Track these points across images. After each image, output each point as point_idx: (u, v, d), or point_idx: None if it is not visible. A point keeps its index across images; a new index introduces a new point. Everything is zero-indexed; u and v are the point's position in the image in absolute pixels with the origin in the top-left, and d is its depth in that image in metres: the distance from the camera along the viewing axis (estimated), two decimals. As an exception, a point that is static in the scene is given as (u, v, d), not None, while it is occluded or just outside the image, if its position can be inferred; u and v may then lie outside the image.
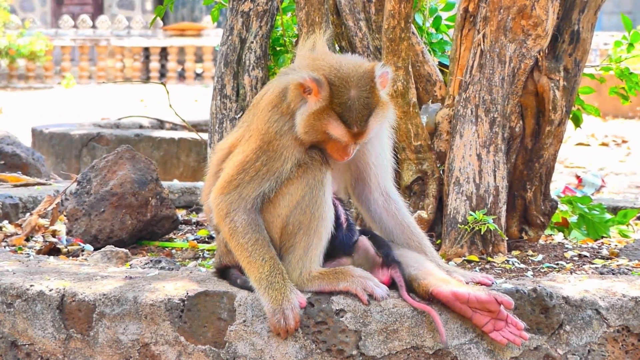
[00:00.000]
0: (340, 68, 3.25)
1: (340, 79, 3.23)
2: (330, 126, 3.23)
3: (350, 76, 3.24)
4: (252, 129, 3.37)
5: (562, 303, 3.28)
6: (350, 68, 3.26)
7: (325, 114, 3.22)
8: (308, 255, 3.27)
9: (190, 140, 9.16)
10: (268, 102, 3.36)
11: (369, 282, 3.22)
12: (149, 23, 21.69)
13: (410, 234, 3.60)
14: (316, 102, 3.23)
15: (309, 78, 3.21)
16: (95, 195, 4.64)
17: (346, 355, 3.20)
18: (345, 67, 3.26)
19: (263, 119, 3.34)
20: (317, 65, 3.29)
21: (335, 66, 3.26)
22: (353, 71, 3.25)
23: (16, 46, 24.02)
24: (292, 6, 4.94)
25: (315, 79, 3.21)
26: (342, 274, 3.24)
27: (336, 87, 3.22)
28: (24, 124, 12.88)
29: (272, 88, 3.42)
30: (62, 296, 3.36)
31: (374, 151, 3.51)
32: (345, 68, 3.26)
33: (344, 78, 3.23)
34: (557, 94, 4.38)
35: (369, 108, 3.24)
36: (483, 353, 3.24)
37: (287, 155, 3.29)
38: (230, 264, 3.43)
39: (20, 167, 6.98)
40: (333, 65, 3.27)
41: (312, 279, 3.26)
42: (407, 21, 4.28)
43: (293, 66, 3.45)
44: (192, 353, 3.26)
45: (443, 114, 4.49)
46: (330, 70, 3.25)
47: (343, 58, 3.37)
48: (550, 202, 4.56)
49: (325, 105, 3.22)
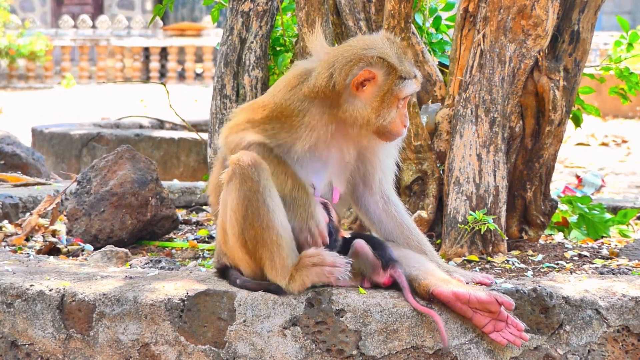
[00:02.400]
0: (373, 45, 3.36)
1: (383, 52, 3.33)
2: (404, 90, 3.34)
3: (384, 46, 3.36)
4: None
5: (562, 303, 3.28)
6: (375, 42, 3.38)
7: (394, 85, 3.33)
8: (276, 265, 3.26)
9: (190, 140, 9.16)
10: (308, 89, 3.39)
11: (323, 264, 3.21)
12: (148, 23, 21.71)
13: (409, 234, 3.61)
14: (380, 85, 3.32)
15: (365, 69, 3.30)
16: (95, 195, 4.64)
17: (346, 355, 3.20)
18: (373, 43, 3.37)
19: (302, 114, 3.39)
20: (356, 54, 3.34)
21: (370, 46, 3.36)
22: (381, 41, 3.38)
23: (16, 46, 24.02)
24: (292, 6, 4.94)
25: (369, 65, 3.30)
26: (302, 269, 3.22)
27: (390, 59, 3.33)
28: (24, 124, 12.88)
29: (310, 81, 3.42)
30: (62, 296, 3.36)
31: (380, 154, 3.54)
32: (374, 44, 3.37)
33: (382, 51, 3.33)
34: (557, 94, 4.38)
35: (407, 54, 3.42)
36: (483, 353, 3.24)
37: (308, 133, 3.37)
38: (229, 264, 3.43)
39: (20, 167, 6.98)
40: (365, 47, 3.35)
41: (290, 282, 3.25)
42: (407, 21, 4.28)
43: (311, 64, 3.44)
44: (192, 353, 3.26)
45: (443, 114, 4.49)
46: (368, 51, 3.33)
47: (360, 40, 3.46)
48: (550, 202, 4.56)
49: (391, 80, 3.32)
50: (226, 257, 3.43)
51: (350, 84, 3.31)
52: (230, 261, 3.42)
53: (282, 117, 3.37)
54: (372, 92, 3.33)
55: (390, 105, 3.35)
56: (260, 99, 3.56)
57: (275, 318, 3.21)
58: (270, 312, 3.22)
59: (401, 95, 3.34)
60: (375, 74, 3.31)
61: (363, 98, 3.33)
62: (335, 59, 3.35)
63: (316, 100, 3.35)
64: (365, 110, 3.33)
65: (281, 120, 3.37)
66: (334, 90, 3.32)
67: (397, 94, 3.34)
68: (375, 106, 3.33)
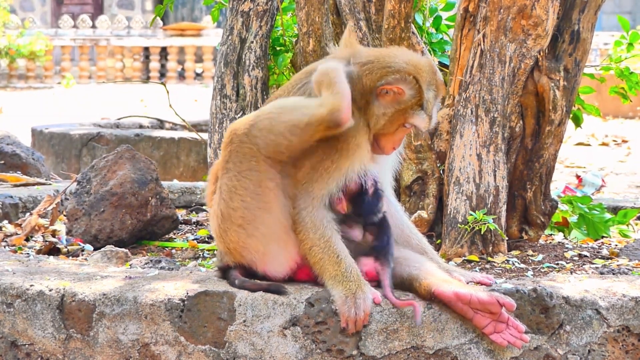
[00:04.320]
0: (416, 64, 3.35)
1: (420, 75, 3.32)
2: (413, 118, 3.33)
3: (424, 70, 3.35)
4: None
5: (562, 303, 3.28)
6: (420, 62, 3.37)
7: (410, 109, 3.32)
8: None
9: (190, 140, 9.16)
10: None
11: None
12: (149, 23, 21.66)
13: (409, 233, 3.61)
14: (401, 101, 3.31)
15: (396, 85, 3.29)
16: (95, 195, 4.64)
17: (346, 355, 3.20)
18: (416, 62, 3.36)
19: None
20: (392, 63, 3.34)
21: (411, 62, 3.35)
22: (423, 65, 3.36)
23: (16, 46, 24.03)
24: (292, 6, 4.94)
25: (402, 80, 3.29)
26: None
27: (422, 83, 3.32)
28: (24, 124, 12.88)
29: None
30: (62, 296, 3.36)
31: (381, 157, 3.53)
32: (418, 63, 3.36)
33: (421, 74, 3.33)
34: (557, 94, 4.38)
35: (437, 97, 3.40)
36: (483, 353, 3.24)
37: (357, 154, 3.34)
38: (231, 264, 3.42)
39: (20, 167, 6.97)
40: (408, 62, 3.35)
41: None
42: (407, 21, 4.28)
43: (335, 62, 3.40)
44: (192, 353, 3.26)
45: (443, 113, 4.49)
46: (410, 67, 3.33)
47: (404, 52, 3.46)
48: (550, 202, 4.56)
49: (413, 102, 3.31)
50: (228, 257, 3.42)
51: (377, 88, 3.31)
52: (233, 258, 3.39)
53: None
54: (389, 103, 3.32)
55: (394, 122, 3.33)
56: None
57: (275, 318, 3.21)
58: (270, 312, 3.22)
59: (409, 120, 3.33)
60: (403, 91, 3.31)
61: (378, 103, 3.33)
62: (376, 59, 3.36)
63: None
64: (377, 112, 3.33)
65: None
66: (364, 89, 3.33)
67: (407, 117, 3.33)
68: (387, 114, 3.32)
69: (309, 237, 3.28)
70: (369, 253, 3.36)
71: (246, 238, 3.31)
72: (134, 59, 25.67)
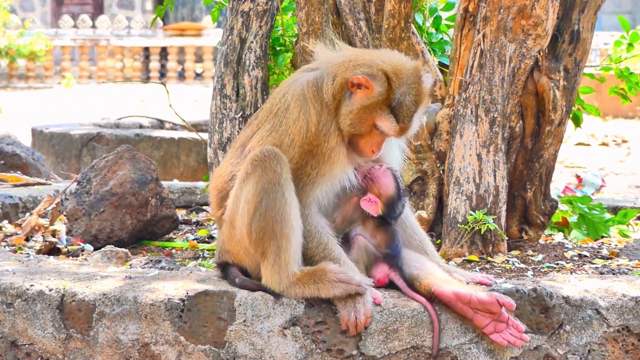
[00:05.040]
0: (393, 63, 3.30)
1: (395, 74, 3.27)
2: (381, 119, 3.27)
3: (402, 72, 3.29)
4: (291, 132, 3.34)
5: (562, 303, 3.28)
6: (401, 64, 3.32)
7: (378, 107, 3.27)
8: (282, 259, 3.23)
9: (190, 140, 9.16)
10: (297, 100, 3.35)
11: (349, 282, 3.17)
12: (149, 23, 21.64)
13: (412, 232, 3.60)
14: (369, 97, 3.26)
15: (363, 76, 3.24)
16: (95, 195, 4.64)
17: (346, 355, 3.20)
18: (396, 62, 3.31)
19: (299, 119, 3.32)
20: (367, 60, 3.31)
21: (388, 61, 3.31)
22: (403, 67, 3.31)
23: (16, 46, 24.02)
24: (292, 6, 4.94)
25: (370, 75, 3.25)
26: (320, 279, 3.18)
27: (393, 82, 3.26)
28: (24, 124, 12.88)
29: (297, 85, 3.38)
30: (62, 296, 3.36)
31: (391, 150, 3.52)
32: (397, 63, 3.31)
33: (397, 73, 3.28)
34: (557, 94, 4.38)
35: (416, 104, 3.31)
36: (483, 353, 3.24)
37: (334, 157, 3.31)
38: (231, 262, 3.43)
39: (20, 167, 6.97)
40: (385, 60, 3.31)
41: (292, 284, 3.22)
42: (407, 21, 4.28)
43: (322, 65, 3.41)
44: (192, 353, 3.26)
45: (443, 113, 4.49)
46: (385, 65, 3.29)
47: (388, 53, 3.42)
48: (550, 202, 4.56)
49: (380, 100, 3.26)
50: (228, 255, 3.43)
51: (347, 82, 3.28)
52: (233, 259, 3.41)
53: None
54: (358, 99, 3.29)
55: (363, 120, 3.28)
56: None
57: (275, 318, 3.21)
58: (270, 312, 3.22)
59: (377, 121, 3.27)
60: (370, 85, 3.26)
61: (349, 101, 3.30)
62: (355, 57, 3.35)
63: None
64: (345, 109, 3.31)
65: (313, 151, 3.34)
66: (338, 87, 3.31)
67: (375, 117, 3.27)
68: (353, 111, 3.29)
69: (307, 247, 3.29)
70: (382, 261, 3.37)
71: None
72: (134, 59, 25.67)
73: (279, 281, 3.22)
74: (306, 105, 3.32)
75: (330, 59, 3.40)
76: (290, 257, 3.23)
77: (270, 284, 3.24)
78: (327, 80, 3.33)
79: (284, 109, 3.37)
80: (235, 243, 3.37)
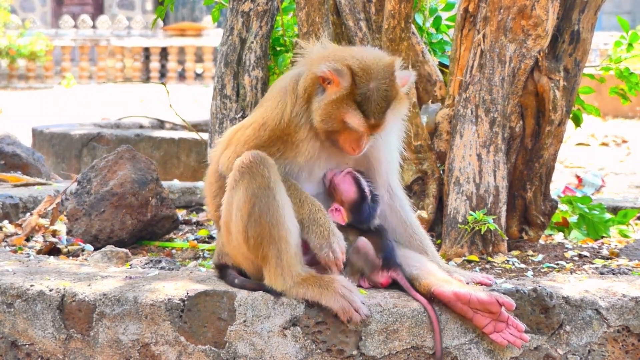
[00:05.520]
0: (362, 59, 3.28)
1: (362, 70, 3.26)
2: (348, 115, 3.25)
3: (372, 68, 3.27)
4: (267, 116, 3.39)
5: (562, 303, 3.28)
6: (372, 60, 3.30)
7: (345, 103, 3.25)
8: (283, 261, 3.23)
9: (190, 140, 9.16)
10: (281, 92, 3.39)
11: (350, 302, 3.16)
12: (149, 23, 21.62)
13: (412, 232, 3.60)
14: (336, 91, 3.26)
15: (329, 70, 3.24)
16: (95, 195, 4.64)
17: (346, 355, 3.20)
18: (367, 58, 3.29)
19: (276, 108, 3.37)
20: (338, 55, 3.32)
21: (357, 57, 3.30)
22: (374, 63, 3.28)
23: (16, 46, 24.02)
24: (292, 6, 4.94)
25: (335, 70, 3.24)
26: (326, 287, 3.19)
27: (358, 77, 3.25)
28: (24, 124, 12.88)
29: (284, 79, 3.44)
30: (62, 296, 3.36)
31: (384, 146, 3.51)
32: (367, 59, 3.29)
33: (365, 69, 3.26)
34: (557, 94, 4.38)
35: (387, 100, 3.27)
36: (483, 353, 3.24)
37: (302, 147, 3.34)
38: (230, 264, 3.43)
39: (20, 167, 6.97)
40: (355, 55, 3.30)
41: (296, 285, 3.22)
42: (407, 21, 4.28)
43: (304, 61, 3.44)
44: (192, 353, 3.26)
45: (443, 114, 4.49)
46: (353, 60, 3.28)
47: (363, 50, 3.42)
48: (550, 202, 4.56)
49: (345, 94, 3.25)
50: (228, 258, 3.44)
51: (316, 76, 3.29)
52: (233, 261, 3.42)
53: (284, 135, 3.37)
54: (328, 94, 3.29)
55: (332, 116, 3.28)
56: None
57: (275, 318, 3.21)
58: (271, 312, 3.22)
59: (345, 117, 3.26)
60: (336, 79, 3.25)
61: (323, 95, 3.31)
62: (330, 53, 3.36)
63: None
64: (315, 104, 3.31)
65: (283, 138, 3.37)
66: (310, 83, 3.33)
67: (342, 112, 3.26)
68: (322, 106, 3.29)
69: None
70: (382, 267, 3.36)
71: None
72: (134, 59, 25.67)
73: (283, 282, 3.23)
74: (285, 97, 3.37)
75: (311, 56, 3.43)
76: (292, 257, 3.23)
77: (274, 284, 3.25)
78: (303, 75, 3.36)
79: (267, 99, 3.46)
80: (233, 248, 3.38)
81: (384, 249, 3.37)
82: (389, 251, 3.37)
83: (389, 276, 3.33)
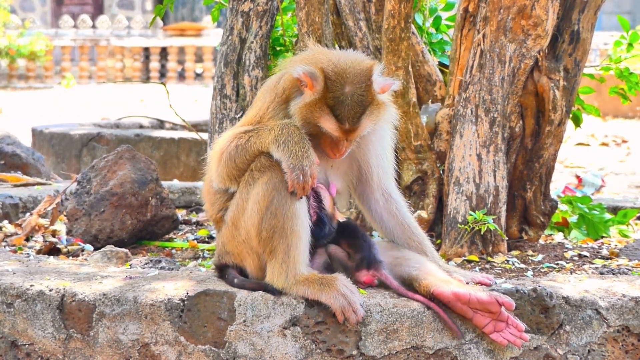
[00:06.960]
0: (338, 63, 3.28)
1: (336, 74, 3.25)
2: (322, 119, 3.26)
3: (347, 72, 3.26)
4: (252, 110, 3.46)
5: (562, 303, 3.28)
6: (348, 64, 3.29)
7: (318, 107, 3.25)
8: (290, 257, 3.24)
9: (190, 140, 9.16)
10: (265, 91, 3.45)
11: (350, 303, 3.16)
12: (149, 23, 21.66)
13: (410, 234, 3.60)
14: (311, 95, 3.26)
15: (303, 72, 3.25)
16: (95, 195, 4.64)
17: (346, 355, 3.20)
18: (343, 62, 3.29)
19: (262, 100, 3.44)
20: (315, 59, 3.33)
21: (334, 61, 3.29)
22: (350, 67, 3.27)
23: (16, 46, 24.02)
24: (292, 6, 4.94)
25: (309, 73, 3.25)
26: (328, 285, 3.19)
27: (331, 81, 3.24)
28: (24, 124, 12.88)
29: (270, 80, 3.49)
30: (62, 296, 3.36)
31: (375, 151, 3.51)
32: (343, 64, 3.28)
33: (339, 73, 3.25)
34: (557, 94, 4.38)
35: (362, 105, 3.25)
36: (483, 353, 3.24)
37: None
38: (230, 264, 3.43)
39: (20, 167, 6.97)
40: (331, 60, 3.30)
41: (297, 282, 3.22)
42: (407, 21, 4.28)
43: (290, 62, 3.47)
44: (192, 353, 3.26)
45: (443, 114, 4.49)
46: (328, 64, 3.28)
47: (343, 54, 3.40)
48: (550, 202, 4.56)
49: (318, 98, 3.25)
50: (229, 257, 3.43)
51: (292, 78, 3.30)
52: (235, 260, 3.41)
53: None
54: (304, 97, 3.30)
55: (308, 119, 3.28)
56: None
57: (275, 318, 3.21)
58: (270, 312, 3.22)
59: (319, 120, 3.26)
60: (309, 83, 3.25)
61: (301, 97, 3.32)
62: (311, 56, 3.37)
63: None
64: (293, 107, 3.32)
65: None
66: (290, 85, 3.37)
67: (317, 116, 3.26)
68: (297, 109, 3.30)
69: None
70: (360, 266, 3.37)
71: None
72: (134, 59, 25.67)
73: (285, 279, 3.23)
74: (266, 96, 3.41)
75: (295, 58, 3.45)
76: (299, 254, 3.24)
77: (275, 281, 3.24)
78: (284, 76, 3.39)
79: (254, 100, 3.52)
80: (239, 244, 3.37)
81: (360, 249, 3.38)
82: (366, 250, 3.37)
83: (370, 275, 3.34)
